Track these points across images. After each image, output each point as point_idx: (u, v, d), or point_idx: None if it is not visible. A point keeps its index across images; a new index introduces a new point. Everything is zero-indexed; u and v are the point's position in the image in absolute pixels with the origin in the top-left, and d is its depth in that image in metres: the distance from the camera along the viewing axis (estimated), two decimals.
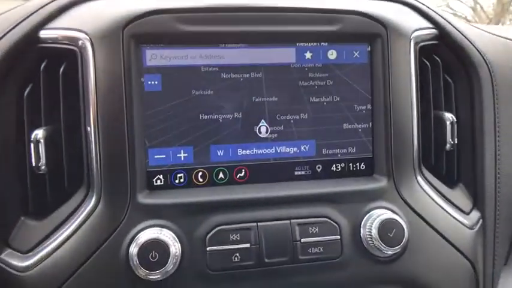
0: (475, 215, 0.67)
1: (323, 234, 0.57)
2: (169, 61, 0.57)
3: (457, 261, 0.63)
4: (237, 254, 0.55)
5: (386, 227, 0.56)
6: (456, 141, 0.67)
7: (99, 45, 0.55)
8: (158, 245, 0.52)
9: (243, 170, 0.60)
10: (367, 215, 0.58)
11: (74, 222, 0.55)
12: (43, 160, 0.56)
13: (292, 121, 0.61)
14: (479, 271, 0.65)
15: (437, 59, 0.67)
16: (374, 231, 0.56)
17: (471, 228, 0.65)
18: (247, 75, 0.59)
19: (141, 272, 0.52)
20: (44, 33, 0.56)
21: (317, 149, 0.61)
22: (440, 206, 0.64)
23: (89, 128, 0.56)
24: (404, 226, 0.57)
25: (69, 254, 0.54)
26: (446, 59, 0.68)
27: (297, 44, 0.60)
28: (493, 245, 0.69)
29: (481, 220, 0.67)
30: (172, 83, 0.57)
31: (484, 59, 0.66)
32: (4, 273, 0.55)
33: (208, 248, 0.55)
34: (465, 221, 0.65)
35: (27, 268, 0.55)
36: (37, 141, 0.56)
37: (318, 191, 0.59)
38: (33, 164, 0.56)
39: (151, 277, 0.52)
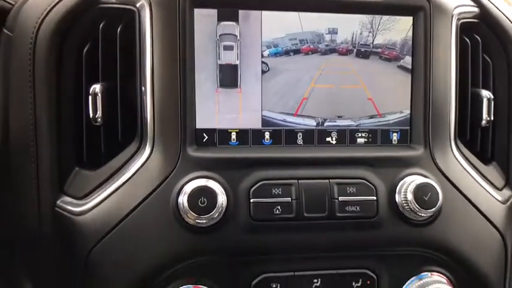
0: (507, 192, 0.69)
1: (360, 194, 0.59)
2: None
3: (488, 232, 0.64)
4: (279, 207, 0.58)
5: (421, 190, 0.58)
6: (492, 119, 0.68)
7: (157, 7, 0.59)
8: (207, 192, 0.55)
9: (285, 134, 0.63)
10: (403, 180, 0.61)
11: (128, 172, 0.59)
12: (100, 112, 0.60)
13: None
14: (508, 244, 0.66)
15: (477, 37, 0.69)
16: (410, 195, 0.59)
17: (503, 203, 0.67)
18: None
19: (190, 216, 0.55)
20: None
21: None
22: (473, 178, 0.65)
23: (143, 88, 0.59)
24: (439, 191, 0.59)
25: (122, 200, 0.58)
26: (486, 37, 0.69)
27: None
28: None
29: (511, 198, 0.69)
30: None
31: None
32: (61, 217, 0.60)
33: (252, 200, 0.58)
34: (497, 196, 0.67)
35: (82, 212, 0.59)
36: (95, 95, 0.60)
37: (356, 154, 0.62)
38: (91, 116, 0.60)
39: (198, 221, 0.55)
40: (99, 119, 0.61)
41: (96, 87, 0.60)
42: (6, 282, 0.68)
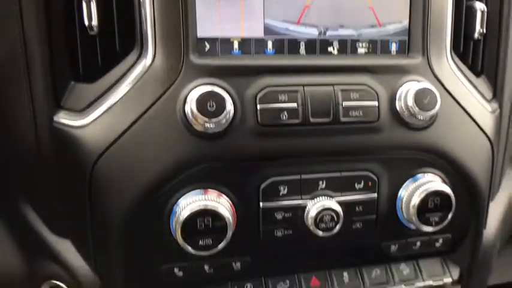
0: (494, 104, 0.72)
1: (363, 99, 0.61)
2: None
3: (479, 138, 0.68)
4: (285, 113, 0.58)
5: (421, 94, 0.60)
6: (484, 31, 0.70)
7: None
8: (215, 97, 0.55)
9: (288, 43, 0.62)
10: (403, 86, 0.62)
11: (130, 81, 0.57)
12: (95, 20, 0.57)
13: None
14: (495, 150, 0.70)
15: None
16: (410, 99, 0.60)
17: (492, 113, 0.70)
18: None
19: (199, 121, 0.55)
20: None
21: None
22: (466, 87, 0.68)
23: None
24: (437, 94, 0.61)
25: (126, 109, 0.57)
26: None
27: None
28: (506, 134, 0.75)
29: (498, 110, 0.72)
30: None
31: None
32: (60, 133, 0.58)
33: (258, 106, 0.58)
34: (487, 105, 0.70)
35: (83, 125, 0.58)
36: (89, 0, 0.57)
37: (358, 62, 0.63)
38: (86, 23, 0.57)
39: (207, 125, 0.55)
40: (94, 28, 0.58)
41: None
42: (5, 210, 0.67)
